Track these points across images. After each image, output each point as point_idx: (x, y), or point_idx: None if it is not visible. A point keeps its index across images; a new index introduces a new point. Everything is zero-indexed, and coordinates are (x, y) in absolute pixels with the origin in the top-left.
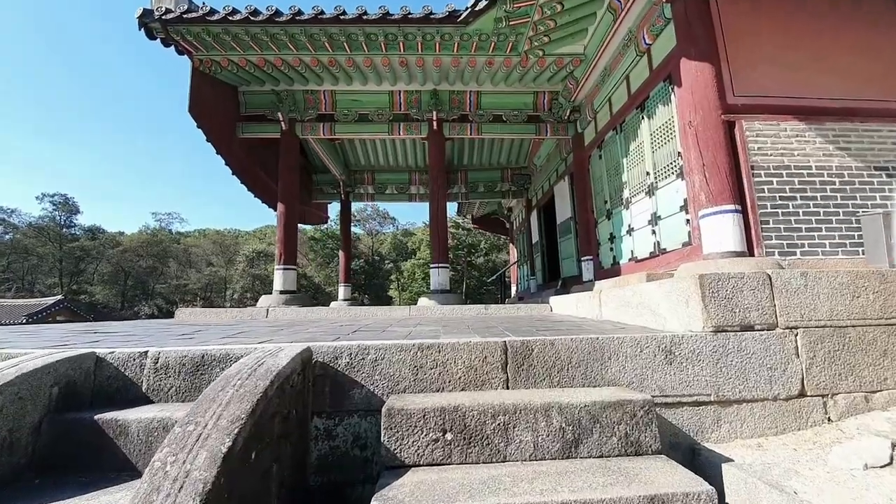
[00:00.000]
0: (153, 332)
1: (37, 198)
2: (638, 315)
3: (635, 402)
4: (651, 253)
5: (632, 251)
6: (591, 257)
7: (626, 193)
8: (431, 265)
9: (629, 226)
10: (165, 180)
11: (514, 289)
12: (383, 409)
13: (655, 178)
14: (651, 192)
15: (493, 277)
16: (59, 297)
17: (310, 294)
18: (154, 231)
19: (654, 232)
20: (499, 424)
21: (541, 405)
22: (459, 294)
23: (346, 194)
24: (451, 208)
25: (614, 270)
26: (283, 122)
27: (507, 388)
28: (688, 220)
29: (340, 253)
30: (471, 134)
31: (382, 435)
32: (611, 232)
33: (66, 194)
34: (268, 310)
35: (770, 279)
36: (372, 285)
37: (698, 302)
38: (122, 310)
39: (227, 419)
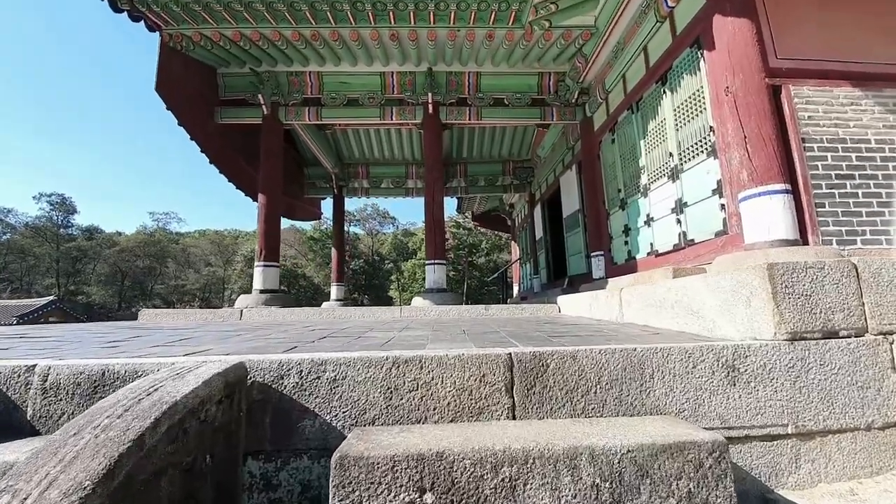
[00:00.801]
0: (85, 337)
1: (34, 197)
2: (674, 317)
3: (701, 446)
4: (675, 245)
5: (651, 244)
6: (601, 252)
7: (643, 179)
8: (427, 262)
9: (648, 215)
10: (165, 180)
11: (516, 288)
12: (334, 457)
13: (680, 159)
14: (675, 175)
15: (494, 276)
16: (52, 297)
17: (308, 294)
18: (152, 231)
19: (678, 221)
20: (503, 480)
21: (563, 450)
22: (458, 294)
23: (339, 189)
24: (451, 206)
25: (629, 266)
26: (264, 107)
27: (513, 417)
28: (723, 206)
29: (333, 251)
30: (470, 119)
31: (332, 497)
32: (625, 223)
33: (63, 194)
34: (242, 311)
35: (857, 270)
36: (372, 286)
37: (767, 300)
38: (120, 310)
39: (60, 490)
